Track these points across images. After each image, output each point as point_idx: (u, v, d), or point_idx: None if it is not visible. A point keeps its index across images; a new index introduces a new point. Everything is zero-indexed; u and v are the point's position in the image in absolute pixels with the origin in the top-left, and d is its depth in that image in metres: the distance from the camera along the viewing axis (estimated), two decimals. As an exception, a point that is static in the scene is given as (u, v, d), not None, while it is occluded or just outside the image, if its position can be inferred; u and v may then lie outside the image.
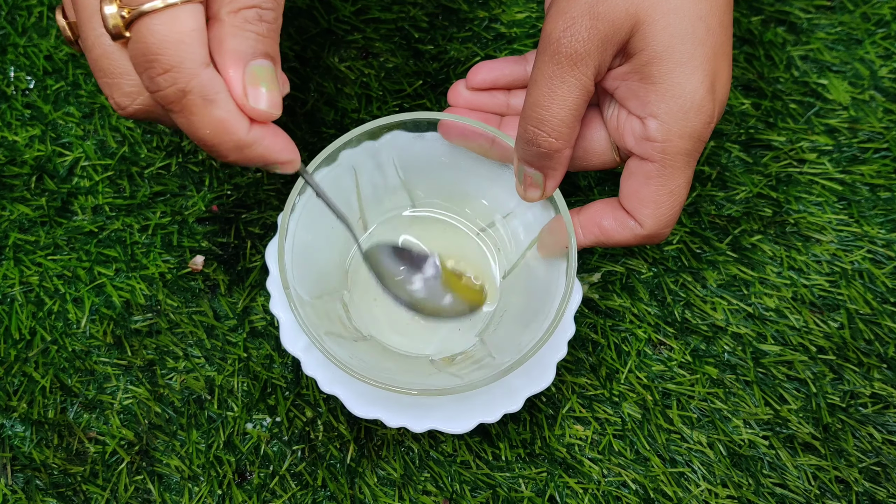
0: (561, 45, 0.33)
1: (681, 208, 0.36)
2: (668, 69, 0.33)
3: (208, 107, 0.28)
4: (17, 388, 0.44)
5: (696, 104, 0.34)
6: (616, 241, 0.37)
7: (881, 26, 0.50)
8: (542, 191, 0.37)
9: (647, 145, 0.35)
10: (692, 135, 0.34)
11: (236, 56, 0.28)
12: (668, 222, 0.36)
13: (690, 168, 0.35)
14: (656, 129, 0.34)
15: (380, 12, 0.50)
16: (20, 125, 0.49)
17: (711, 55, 0.34)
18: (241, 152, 0.29)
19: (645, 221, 0.36)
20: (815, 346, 0.45)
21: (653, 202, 0.36)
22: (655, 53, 0.33)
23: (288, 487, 0.43)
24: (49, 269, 0.46)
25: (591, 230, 0.38)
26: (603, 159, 0.38)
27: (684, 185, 0.36)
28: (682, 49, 0.33)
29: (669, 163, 0.35)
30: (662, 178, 0.35)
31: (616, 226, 0.37)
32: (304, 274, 0.38)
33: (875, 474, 0.43)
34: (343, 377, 0.39)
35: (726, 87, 0.35)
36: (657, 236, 0.37)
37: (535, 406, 0.44)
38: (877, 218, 0.47)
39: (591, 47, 0.33)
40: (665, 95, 0.34)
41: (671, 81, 0.33)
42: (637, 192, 0.36)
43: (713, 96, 0.34)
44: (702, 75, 0.33)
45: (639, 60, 0.34)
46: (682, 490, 0.43)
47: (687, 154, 0.35)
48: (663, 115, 0.34)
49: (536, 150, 0.35)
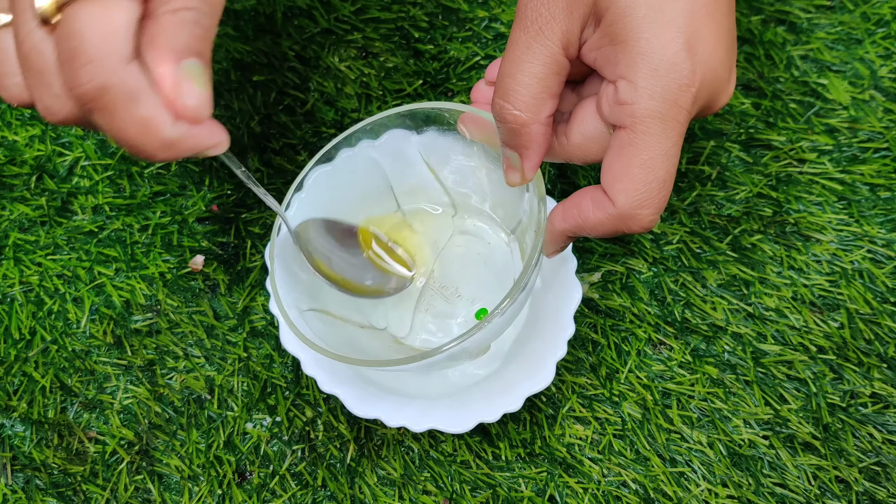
0: (527, 10, 0.32)
1: (660, 188, 0.33)
2: (635, 25, 0.31)
3: (130, 105, 0.26)
4: (17, 387, 0.44)
5: (667, 61, 0.31)
6: (592, 223, 0.34)
7: (881, 26, 0.50)
8: (521, 174, 0.36)
9: (618, 110, 0.32)
10: (664, 96, 0.31)
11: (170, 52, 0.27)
12: (642, 201, 0.33)
13: (668, 139, 0.32)
14: (625, 90, 0.32)
15: (379, 12, 0.50)
16: (20, 125, 0.49)
17: (687, 12, 0.31)
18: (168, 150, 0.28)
19: (616, 198, 0.33)
20: (815, 345, 0.45)
21: (624, 175, 0.32)
22: (620, 9, 0.31)
23: (288, 487, 0.43)
24: (49, 269, 0.46)
25: (570, 213, 0.35)
26: (604, 146, 0.36)
27: (661, 158, 0.32)
28: (649, 3, 0.31)
29: (641, 128, 0.32)
30: (633, 147, 0.32)
31: (592, 206, 0.34)
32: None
33: (875, 474, 0.43)
34: (343, 377, 0.39)
35: (717, 53, 0.33)
36: (633, 218, 0.33)
37: (535, 406, 0.44)
38: (877, 218, 0.47)
39: (556, 11, 0.32)
40: (632, 53, 0.31)
41: (638, 37, 0.31)
42: (611, 165, 0.33)
43: (691, 56, 0.31)
44: (673, 31, 0.31)
45: (606, 21, 0.32)
46: (682, 490, 0.43)
47: (660, 118, 0.32)
48: (631, 74, 0.32)
49: (505, 125, 0.34)
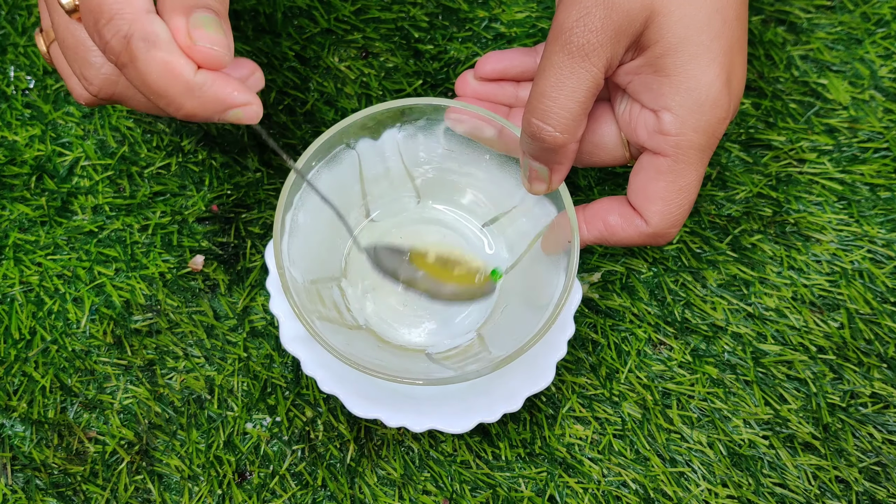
0: (573, 34, 0.32)
1: (689, 208, 0.35)
2: (684, 61, 0.33)
3: (151, 50, 0.28)
4: (17, 387, 0.44)
5: (712, 98, 0.33)
6: (620, 238, 0.36)
7: (881, 26, 0.50)
8: (548, 185, 0.37)
9: (659, 139, 0.34)
10: (707, 129, 0.33)
11: (181, 7, 0.29)
12: (675, 221, 0.35)
13: (702, 165, 0.34)
14: (670, 122, 0.33)
15: (380, 12, 0.50)
16: (20, 125, 0.49)
17: (727, 48, 0.33)
18: (193, 97, 0.28)
19: (651, 219, 0.35)
20: (815, 345, 0.45)
21: (661, 199, 0.35)
22: (670, 45, 0.32)
23: (288, 487, 0.43)
24: (49, 269, 0.46)
25: (595, 226, 0.37)
26: (613, 155, 0.37)
27: (695, 183, 0.35)
28: (699, 41, 0.32)
29: (682, 158, 0.34)
30: (673, 174, 0.34)
31: (621, 222, 0.36)
32: (300, 255, 0.38)
33: (875, 474, 0.43)
34: (343, 377, 0.39)
35: (741, 82, 0.35)
36: (663, 236, 0.36)
37: (535, 406, 0.44)
38: (877, 218, 0.47)
39: (604, 38, 0.32)
40: (680, 88, 0.33)
41: (686, 74, 0.33)
42: (645, 187, 0.35)
43: (729, 91, 0.33)
44: (718, 69, 0.33)
45: (653, 53, 0.33)
46: (682, 490, 0.43)
47: (700, 149, 0.34)
48: (677, 107, 0.33)
49: (541, 144, 0.34)
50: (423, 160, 0.42)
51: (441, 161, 0.42)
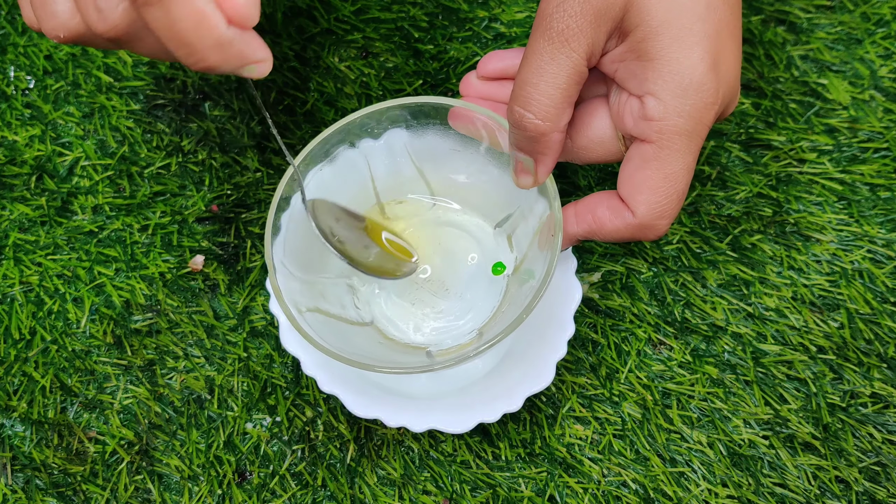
0: (553, 20, 0.32)
1: (679, 200, 0.34)
2: (665, 44, 0.32)
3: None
4: (17, 387, 0.44)
5: (696, 81, 0.32)
6: (608, 230, 0.36)
7: (881, 26, 0.50)
8: (534, 177, 0.36)
9: (644, 125, 0.33)
10: (691, 114, 0.32)
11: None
12: (663, 212, 0.34)
13: (690, 154, 0.33)
14: (654, 107, 0.33)
15: (379, 12, 0.50)
16: (20, 125, 0.49)
17: (713, 32, 0.32)
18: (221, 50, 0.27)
19: (637, 208, 0.34)
20: (815, 345, 0.45)
21: (647, 187, 0.34)
22: (651, 28, 0.32)
23: (288, 487, 0.43)
24: (49, 269, 0.46)
25: (584, 218, 0.36)
26: (609, 150, 0.37)
27: (683, 172, 0.34)
28: (680, 24, 0.32)
29: (667, 144, 0.33)
30: (658, 161, 0.33)
31: (609, 215, 0.35)
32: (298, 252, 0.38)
33: (875, 474, 0.43)
34: (343, 377, 0.39)
35: (733, 69, 0.34)
36: (651, 228, 0.35)
37: (535, 406, 0.44)
38: (877, 218, 0.47)
39: (584, 23, 0.32)
40: (662, 72, 0.32)
41: (669, 57, 0.32)
42: (632, 177, 0.34)
43: (716, 75, 0.32)
44: (702, 51, 0.32)
45: (635, 37, 0.32)
46: (682, 490, 0.43)
47: (686, 135, 0.33)
48: (661, 91, 0.32)
49: (523, 133, 0.34)
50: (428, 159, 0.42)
51: (446, 160, 0.42)
